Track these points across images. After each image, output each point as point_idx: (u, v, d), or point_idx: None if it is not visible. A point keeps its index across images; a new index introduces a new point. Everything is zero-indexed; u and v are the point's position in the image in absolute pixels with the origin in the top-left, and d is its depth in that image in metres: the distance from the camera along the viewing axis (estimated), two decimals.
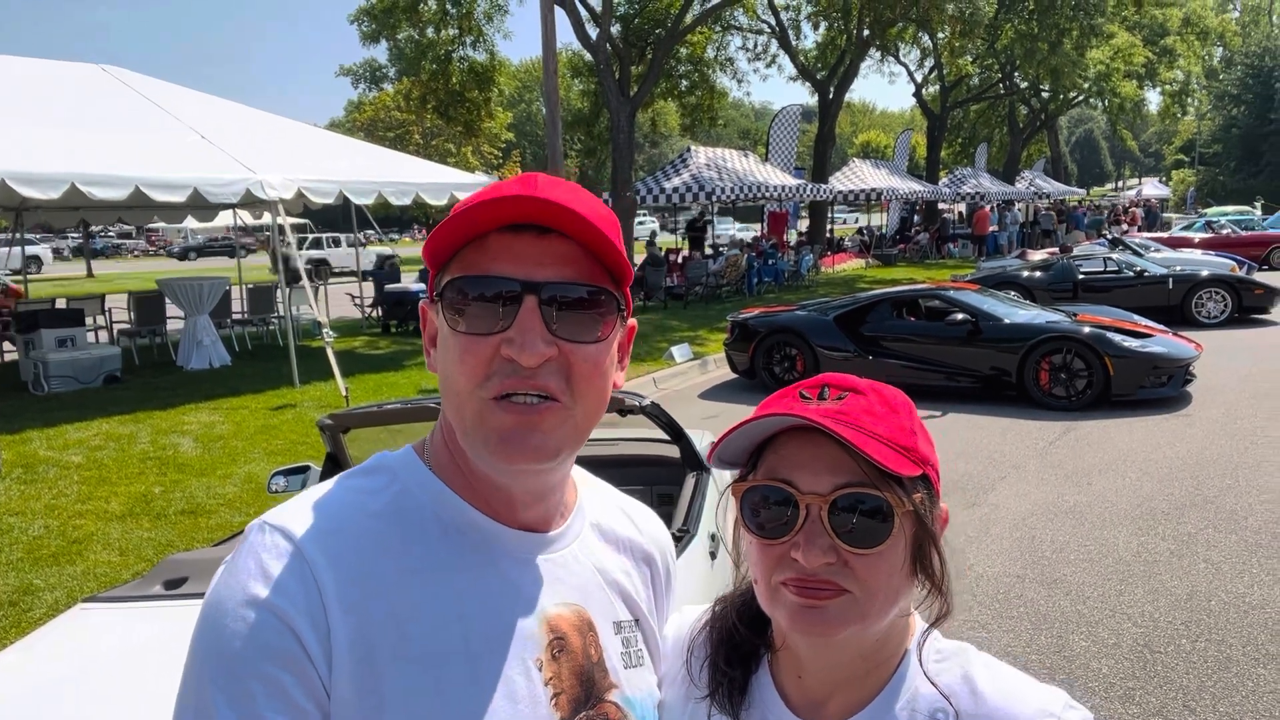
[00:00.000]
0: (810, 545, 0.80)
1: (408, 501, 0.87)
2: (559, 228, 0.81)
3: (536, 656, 0.85)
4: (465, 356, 0.81)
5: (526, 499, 0.89)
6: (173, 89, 12.08)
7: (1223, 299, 13.36)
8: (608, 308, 0.84)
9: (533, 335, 0.79)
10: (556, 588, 0.89)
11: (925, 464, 0.84)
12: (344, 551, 0.81)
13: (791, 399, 0.87)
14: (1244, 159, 61.13)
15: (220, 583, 0.80)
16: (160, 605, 2.61)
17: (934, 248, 30.16)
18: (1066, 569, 4.78)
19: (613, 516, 1.02)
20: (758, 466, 0.87)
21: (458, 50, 22.55)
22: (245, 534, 0.82)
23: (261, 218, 17.27)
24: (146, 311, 13.07)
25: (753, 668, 0.94)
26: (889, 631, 0.87)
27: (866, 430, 0.81)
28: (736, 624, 0.95)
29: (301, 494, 0.87)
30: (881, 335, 9.63)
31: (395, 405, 3.62)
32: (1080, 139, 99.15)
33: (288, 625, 0.76)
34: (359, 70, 50.94)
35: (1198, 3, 40.50)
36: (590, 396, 0.84)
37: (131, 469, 7.12)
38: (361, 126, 37.34)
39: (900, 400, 0.87)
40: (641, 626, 0.99)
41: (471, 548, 0.86)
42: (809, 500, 0.81)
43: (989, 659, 0.88)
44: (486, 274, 0.81)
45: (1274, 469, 6.26)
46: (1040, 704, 0.82)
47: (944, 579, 0.86)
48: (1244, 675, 3.59)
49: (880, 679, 0.88)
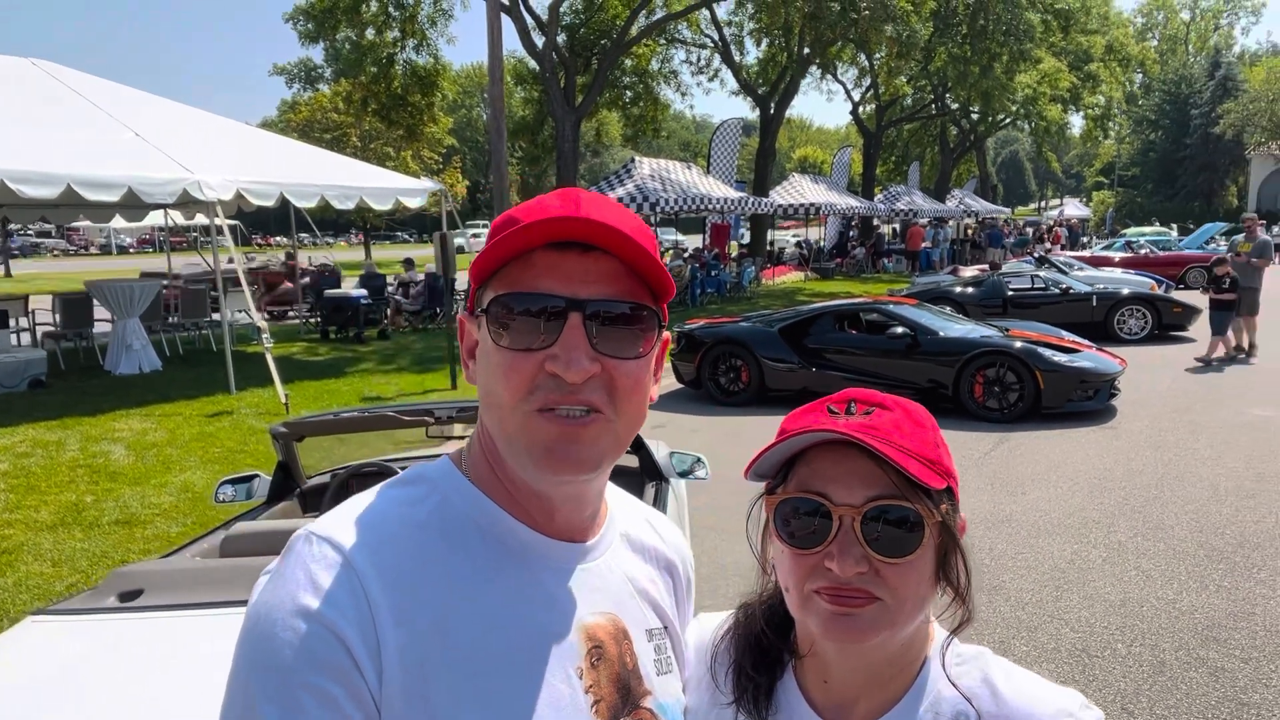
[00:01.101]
0: (844, 555, 0.84)
1: (449, 512, 0.88)
2: (603, 246, 0.83)
3: (577, 665, 0.86)
4: (510, 372, 0.83)
5: (566, 508, 0.91)
6: (106, 84, 11.71)
7: (1144, 316, 13.93)
8: (649, 324, 0.86)
9: (578, 352, 0.81)
10: (593, 597, 0.91)
11: (949, 476, 0.88)
12: (391, 562, 0.81)
13: (820, 414, 0.90)
14: (1160, 182, 63.82)
15: (267, 593, 0.79)
16: (116, 618, 2.53)
17: (870, 262, 30.81)
18: (1005, 576, 4.93)
19: (639, 527, 1.05)
20: (788, 479, 0.90)
21: (400, 53, 22.30)
22: (290, 544, 0.82)
23: (193, 218, 16.82)
24: (73, 314, 12.62)
25: (778, 673, 0.97)
26: (912, 637, 0.91)
27: (896, 444, 0.85)
28: (765, 629, 0.98)
29: (343, 504, 0.88)
30: (824, 347, 9.81)
31: (352, 413, 3.56)
32: (1006, 159, 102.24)
33: (338, 637, 0.76)
34: (293, 70, 50.00)
35: (1120, 31, 42.23)
36: (631, 410, 0.86)
37: (61, 477, 6.86)
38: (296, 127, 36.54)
39: (924, 416, 0.91)
40: (670, 634, 1.01)
41: (512, 557, 0.88)
42: (842, 512, 0.85)
43: (1006, 663, 0.93)
44: (532, 291, 0.82)
45: (1196, 480, 6.56)
46: (1059, 705, 0.87)
47: (967, 587, 0.90)
48: (1177, 678, 3.76)
49: (904, 683, 0.91)
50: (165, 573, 2.78)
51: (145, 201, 10.05)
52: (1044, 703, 0.87)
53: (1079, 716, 0.86)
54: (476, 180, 65.31)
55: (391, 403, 7.57)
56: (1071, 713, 0.86)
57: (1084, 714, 0.86)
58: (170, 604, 2.52)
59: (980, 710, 0.88)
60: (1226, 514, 5.80)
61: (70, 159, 8.95)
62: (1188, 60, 68.01)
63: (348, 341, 14.95)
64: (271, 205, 10.87)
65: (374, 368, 12.28)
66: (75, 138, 9.56)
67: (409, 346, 14.36)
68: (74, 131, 9.71)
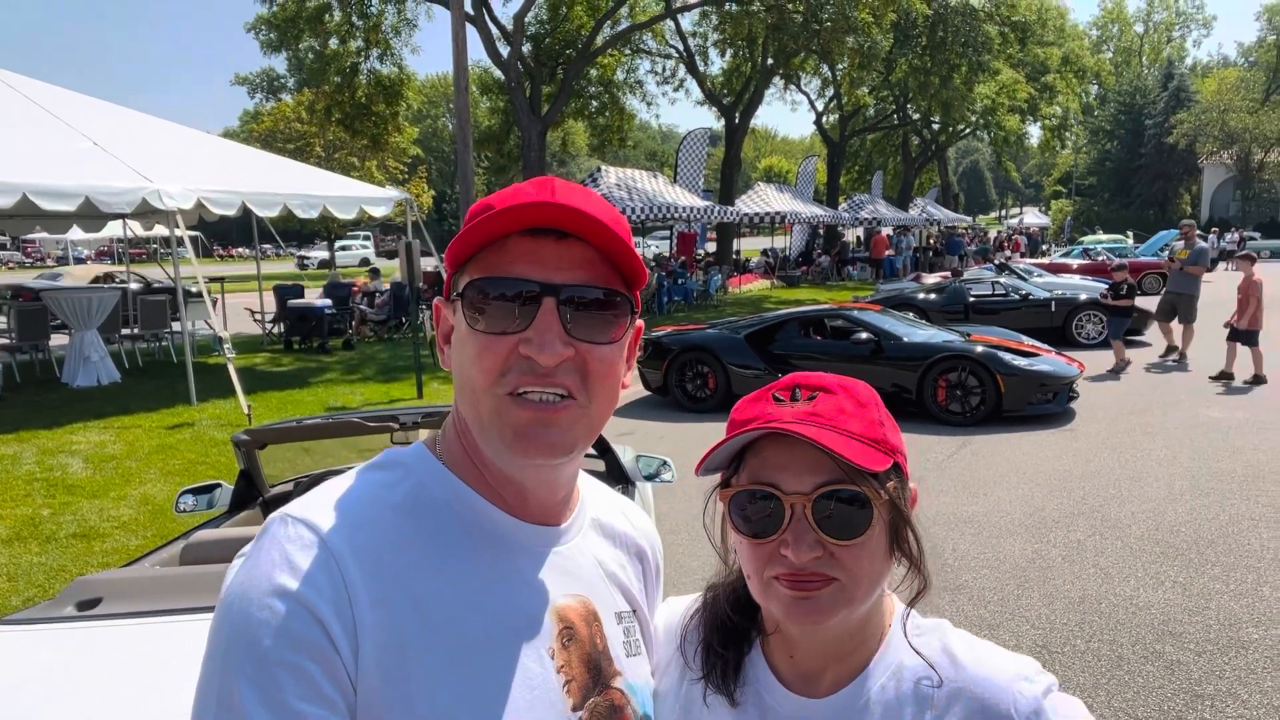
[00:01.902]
0: (798, 543, 0.86)
1: (424, 495, 0.88)
2: (577, 232, 0.84)
3: (549, 645, 0.88)
4: (483, 354, 0.84)
5: (539, 493, 0.92)
6: (61, 93, 11.52)
7: (1101, 321, 14.20)
8: (622, 309, 0.88)
9: (551, 336, 0.82)
10: (564, 579, 0.93)
11: (895, 453, 0.91)
12: (367, 543, 0.82)
13: (766, 401, 0.93)
14: (1116, 190, 65.15)
15: (243, 574, 0.79)
16: (73, 627, 2.49)
17: (835, 270, 31.12)
18: (968, 575, 5.01)
19: (610, 512, 1.06)
20: (740, 470, 0.92)
21: (364, 63, 22.18)
22: (265, 526, 0.82)
23: (152, 229, 16.58)
24: (29, 325, 12.35)
25: (745, 649, 1.00)
26: (872, 610, 0.93)
27: (840, 429, 0.87)
28: (729, 612, 1.00)
29: (318, 487, 0.88)
30: (790, 353, 9.89)
31: (316, 420, 3.54)
32: (967, 169, 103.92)
33: (315, 616, 0.76)
34: (256, 79, 49.45)
35: (1076, 43, 43.13)
36: (603, 395, 0.88)
37: (17, 490, 6.72)
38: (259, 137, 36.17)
39: (868, 394, 0.94)
40: (638, 617, 1.03)
41: (486, 540, 0.89)
42: (793, 500, 0.87)
43: (964, 633, 0.96)
44: (508, 275, 0.84)
45: (1152, 480, 6.71)
46: (1015, 670, 0.90)
47: (920, 557, 0.93)
48: (1134, 672, 3.84)
49: (867, 653, 0.94)
50: (124, 581, 2.74)
51: (103, 211, 9.88)
52: (1001, 669, 0.90)
53: (1035, 680, 0.89)
54: (443, 190, 65.04)
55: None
56: (1028, 677, 0.89)
57: (1040, 678, 0.89)
58: (128, 611, 2.49)
59: (941, 677, 0.90)
60: (1181, 512, 5.93)
61: (25, 168, 8.79)
62: (1142, 72, 69.59)
63: (312, 352, 14.81)
64: (233, 214, 10.75)
65: (339, 378, 12.17)
66: (31, 146, 9.39)
67: (374, 356, 14.24)
68: (30, 140, 9.54)
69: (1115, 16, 73.68)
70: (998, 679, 0.89)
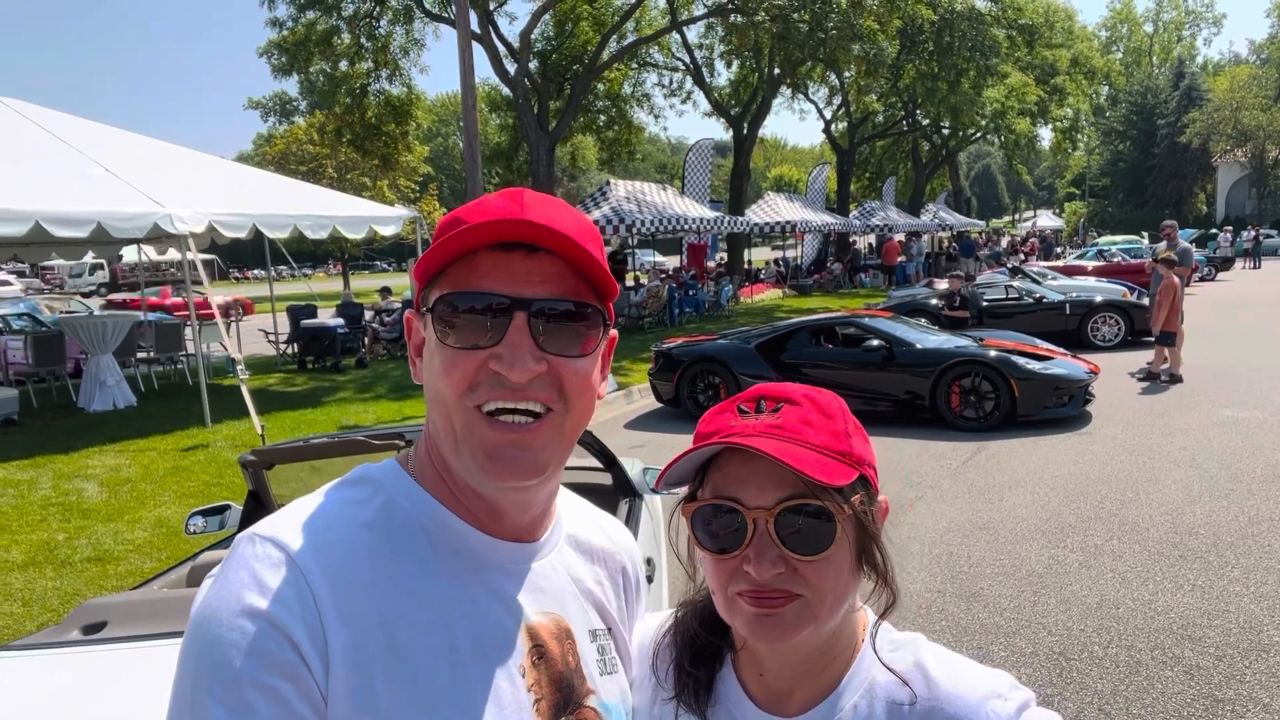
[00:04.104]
0: (760, 558, 0.84)
1: (394, 512, 0.87)
2: (547, 247, 0.83)
3: (519, 663, 0.87)
4: (452, 369, 0.83)
5: (511, 510, 0.91)
6: (73, 120, 11.64)
7: (1117, 323, 14.08)
8: (594, 321, 0.87)
9: (522, 352, 0.82)
10: (537, 596, 0.92)
11: (861, 464, 0.89)
12: (336, 561, 0.81)
13: (730, 414, 0.91)
14: (1131, 191, 64.79)
15: (212, 594, 0.79)
16: (78, 651, 2.50)
17: (847, 278, 31.03)
18: (984, 583, 4.95)
19: (587, 528, 1.05)
20: (704, 484, 0.91)
21: (374, 84, 22.37)
22: (234, 546, 0.82)
23: (166, 253, 16.72)
24: (45, 352, 12.47)
25: (716, 667, 0.98)
26: (842, 626, 0.91)
27: (803, 442, 0.86)
28: (698, 630, 0.99)
29: (287, 506, 0.87)
30: (801, 362, 9.85)
31: (322, 440, 3.54)
32: (979, 173, 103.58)
33: (285, 634, 0.75)
34: (268, 103, 49.98)
35: (1085, 44, 42.95)
36: (579, 408, 0.87)
37: (33, 516, 6.77)
38: (272, 160, 36.53)
39: (834, 405, 0.92)
40: (614, 634, 1.02)
41: (457, 557, 0.88)
42: (755, 515, 0.85)
43: (939, 648, 0.93)
44: (477, 290, 0.83)
45: (1171, 483, 6.62)
46: (989, 687, 0.87)
47: (889, 571, 0.91)
48: (1153, 678, 3.77)
49: (838, 670, 0.92)
50: (130, 604, 2.75)
51: (116, 237, 9.99)
52: (974, 686, 0.88)
53: (1009, 697, 0.86)
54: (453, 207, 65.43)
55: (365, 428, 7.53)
56: (1001, 694, 0.86)
57: (1013, 694, 0.87)
58: (134, 635, 2.50)
59: (914, 694, 0.88)
60: (1200, 515, 5.85)
61: (38, 195, 8.87)
62: (1152, 71, 69.29)
63: (325, 371, 14.88)
64: (244, 237, 10.83)
65: (352, 396, 12.22)
66: (43, 174, 9.49)
67: (387, 374, 14.29)
68: (42, 168, 9.65)
69: (1124, 17, 73.48)
70: (970, 697, 0.87)
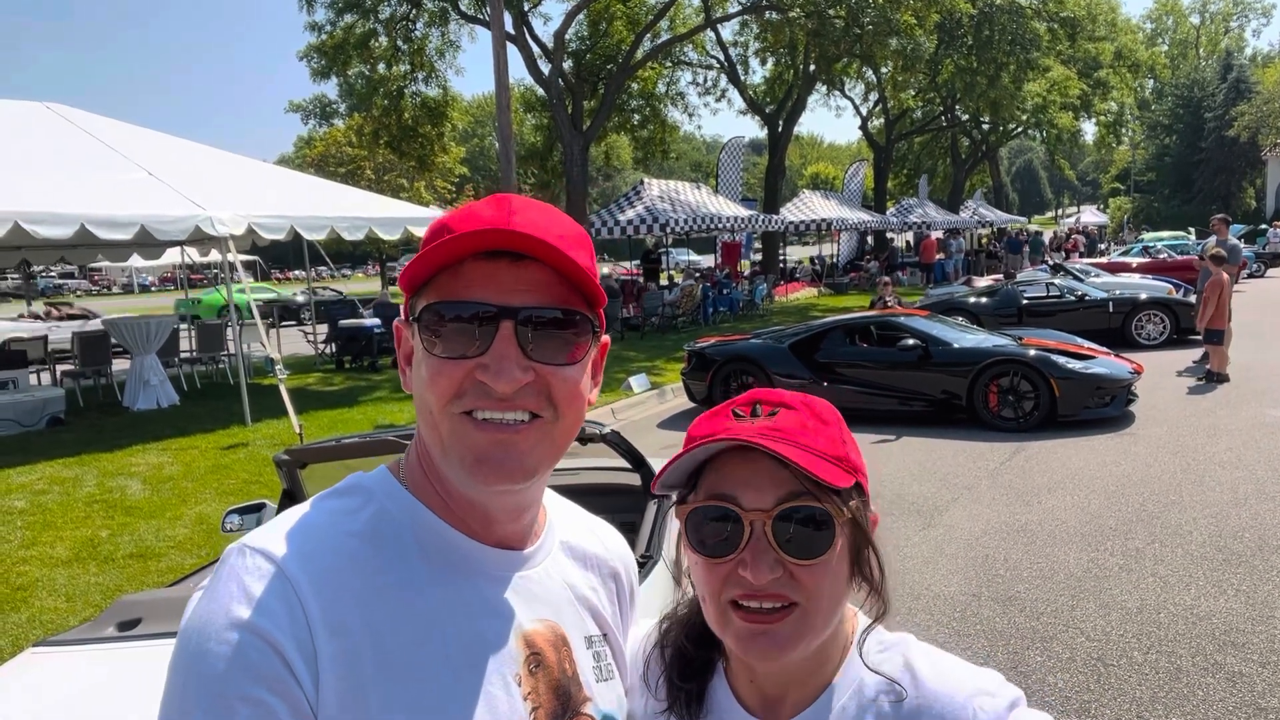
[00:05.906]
0: (757, 562, 0.83)
1: (385, 521, 0.87)
2: (533, 255, 0.83)
3: (515, 672, 0.86)
4: (438, 378, 0.83)
5: (502, 517, 0.90)
6: (118, 125, 11.92)
7: (1162, 321, 13.77)
8: (582, 329, 0.86)
9: (508, 362, 0.81)
10: (532, 604, 0.91)
11: (857, 472, 0.88)
12: (325, 571, 0.81)
13: (725, 417, 0.90)
14: (1177, 186, 63.36)
15: (201, 606, 0.79)
16: (113, 647, 2.55)
17: (882, 275, 30.72)
18: (1020, 586, 4.87)
19: (580, 534, 1.05)
20: (697, 487, 0.89)
21: (410, 86, 22.60)
22: (224, 558, 0.82)
23: (209, 255, 17.04)
24: (91, 351, 12.76)
25: (707, 677, 0.97)
26: (834, 630, 0.91)
27: (802, 445, 0.84)
28: (685, 644, 0.98)
29: (279, 516, 0.87)
30: (836, 362, 9.77)
31: (354, 439, 3.58)
32: (1020, 169, 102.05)
33: (273, 647, 0.75)
34: (309, 106, 50.66)
35: (1128, 37, 42.16)
36: (569, 415, 0.86)
37: (77, 513, 6.93)
38: (312, 162, 37.08)
39: (830, 413, 0.91)
40: (609, 641, 1.01)
41: (449, 565, 0.87)
42: (753, 517, 0.84)
43: (929, 647, 0.92)
44: (463, 299, 0.82)
45: (1215, 484, 6.46)
46: (977, 685, 0.86)
47: (881, 580, 0.90)
48: (1194, 685, 3.68)
49: (829, 674, 0.91)
50: (164, 601, 2.80)
51: (158, 239, 10.18)
52: (962, 684, 0.87)
53: (997, 694, 0.85)
54: None
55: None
56: (989, 692, 0.85)
57: (1002, 691, 0.86)
58: (168, 632, 2.54)
59: (903, 694, 0.88)
60: (1246, 517, 5.70)
61: (83, 199, 9.10)
62: (1199, 64, 67.67)
63: (362, 371, 15.06)
64: (283, 239, 11.01)
65: (388, 395, 12.34)
66: (88, 178, 9.72)
67: None
68: (87, 172, 9.88)
69: (1170, 9, 71.87)
70: (957, 694, 0.86)
